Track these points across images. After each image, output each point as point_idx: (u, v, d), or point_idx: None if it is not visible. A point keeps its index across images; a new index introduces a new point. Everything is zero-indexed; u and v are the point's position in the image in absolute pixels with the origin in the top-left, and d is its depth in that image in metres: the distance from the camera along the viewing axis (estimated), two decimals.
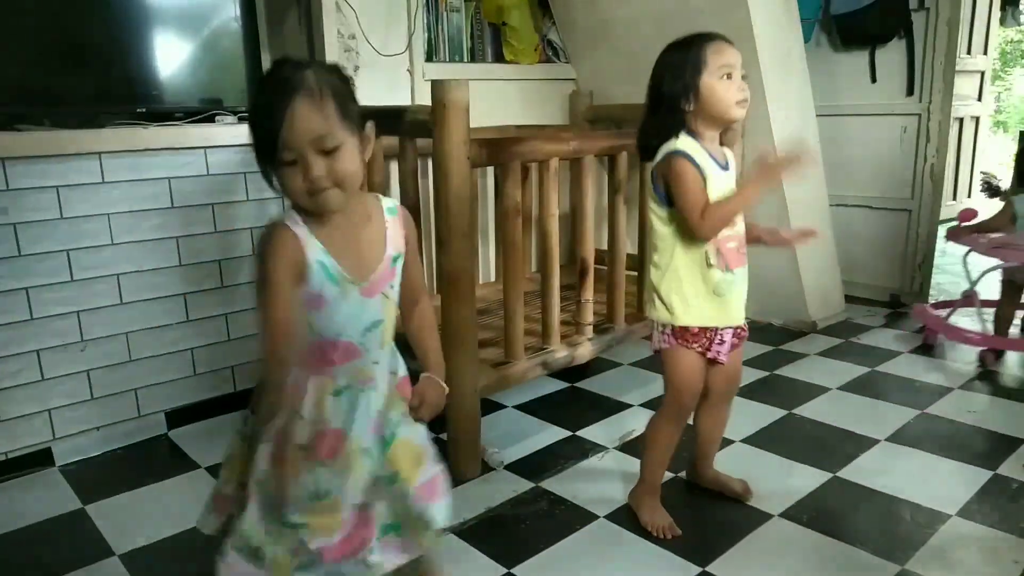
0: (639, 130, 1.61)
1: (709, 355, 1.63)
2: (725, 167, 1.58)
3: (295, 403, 1.16)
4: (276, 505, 1.17)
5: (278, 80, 1.07)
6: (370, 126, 1.17)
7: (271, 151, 1.06)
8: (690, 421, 1.80)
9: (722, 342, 1.63)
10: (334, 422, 1.17)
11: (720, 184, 1.55)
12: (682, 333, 1.61)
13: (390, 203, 1.24)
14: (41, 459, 2.06)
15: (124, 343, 2.15)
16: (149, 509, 1.85)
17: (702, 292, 1.58)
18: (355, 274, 1.15)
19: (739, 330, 1.67)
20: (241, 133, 2.28)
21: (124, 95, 2.18)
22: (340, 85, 1.12)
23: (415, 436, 1.27)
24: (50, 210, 1.99)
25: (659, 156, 1.56)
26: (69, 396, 2.08)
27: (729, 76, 1.51)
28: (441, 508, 1.25)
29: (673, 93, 1.52)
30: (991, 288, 2.87)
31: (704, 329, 1.61)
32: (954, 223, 2.95)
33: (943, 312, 2.98)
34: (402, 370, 1.28)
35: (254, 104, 1.10)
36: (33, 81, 2.04)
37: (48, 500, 1.90)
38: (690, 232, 1.54)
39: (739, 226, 1.60)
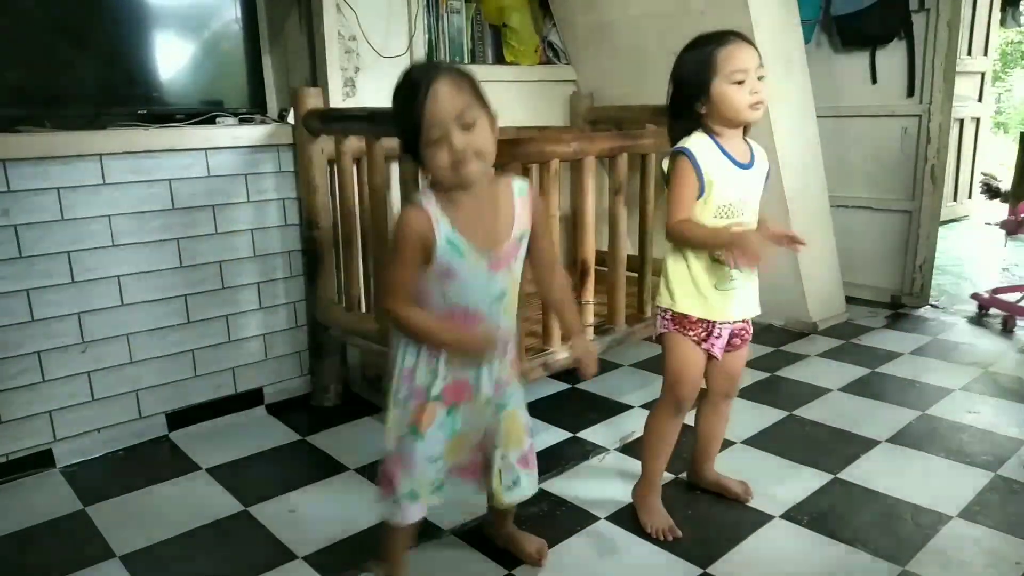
0: (667, 128, 1.62)
1: (704, 346, 1.63)
2: (747, 165, 1.58)
3: (433, 366, 1.34)
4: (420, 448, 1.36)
5: (419, 71, 1.23)
6: (495, 110, 1.29)
7: (417, 133, 1.20)
8: (691, 423, 1.80)
9: (719, 336, 1.63)
10: (467, 375, 1.35)
11: (735, 183, 1.55)
12: (680, 320, 1.61)
13: (521, 184, 1.36)
14: (42, 460, 2.06)
15: (125, 344, 2.16)
16: (150, 511, 1.85)
17: (706, 283, 1.58)
18: (482, 248, 1.30)
19: (742, 331, 1.67)
20: (242, 135, 2.28)
21: (125, 97, 2.18)
22: (469, 75, 1.27)
23: (521, 410, 1.47)
24: (51, 211, 1.99)
25: (670, 154, 1.58)
26: (70, 397, 2.09)
27: (741, 81, 1.50)
28: (531, 477, 1.49)
29: (688, 95, 1.54)
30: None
31: (702, 319, 1.61)
32: (991, 222, 3.10)
33: (1012, 296, 3.14)
34: (514, 350, 1.44)
35: (399, 96, 1.23)
36: (34, 83, 2.04)
37: (49, 502, 1.90)
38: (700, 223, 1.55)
39: (750, 223, 1.59)
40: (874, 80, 3.40)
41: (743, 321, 1.67)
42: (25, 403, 2.03)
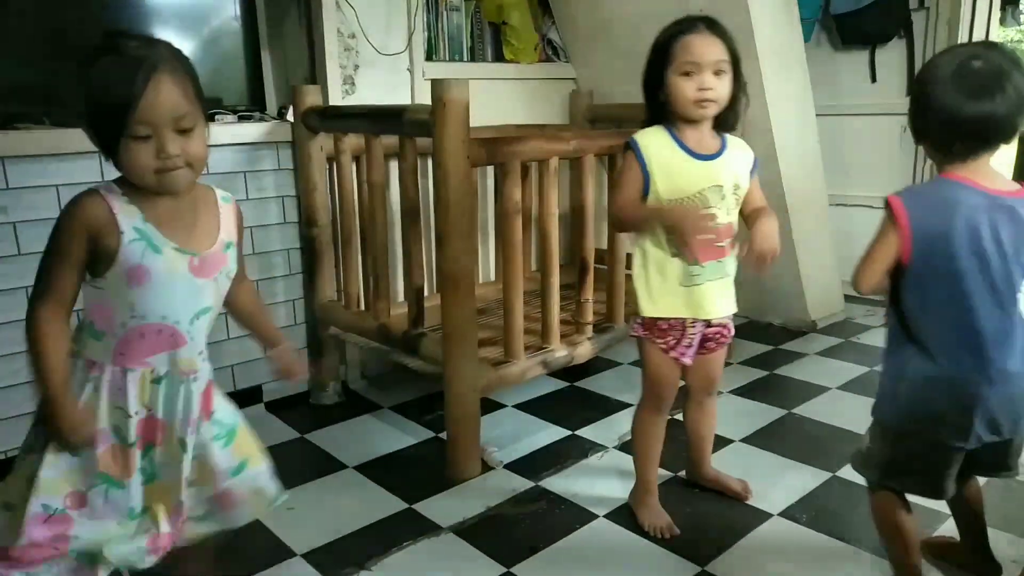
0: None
1: (672, 354, 1.61)
2: (709, 156, 1.53)
3: (121, 403, 1.13)
4: (121, 500, 1.15)
5: (135, 52, 1.04)
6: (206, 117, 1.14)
7: (120, 125, 1.03)
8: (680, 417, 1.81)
9: (689, 344, 1.60)
10: (155, 409, 1.15)
11: (689, 174, 1.51)
12: (650, 326, 1.60)
13: (223, 193, 1.23)
14: None
15: None
16: None
17: (667, 282, 1.56)
18: (185, 247, 1.12)
19: (717, 334, 1.64)
20: (241, 132, 2.28)
21: None
22: (192, 68, 1.10)
23: (243, 424, 1.31)
24: (50, 209, 1.98)
25: None
26: None
27: (688, 73, 1.46)
28: (272, 480, 1.33)
29: (649, 83, 1.53)
30: None
31: (671, 326, 1.59)
32: None
33: None
34: (209, 374, 1.26)
35: (103, 73, 1.05)
36: (33, 80, 2.04)
37: None
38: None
39: (723, 220, 1.53)
40: (873, 79, 3.40)
41: (719, 325, 1.63)
42: (23, 401, 2.02)
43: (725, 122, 1.56)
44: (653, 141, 1.53)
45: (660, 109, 1.53)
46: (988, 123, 1.21)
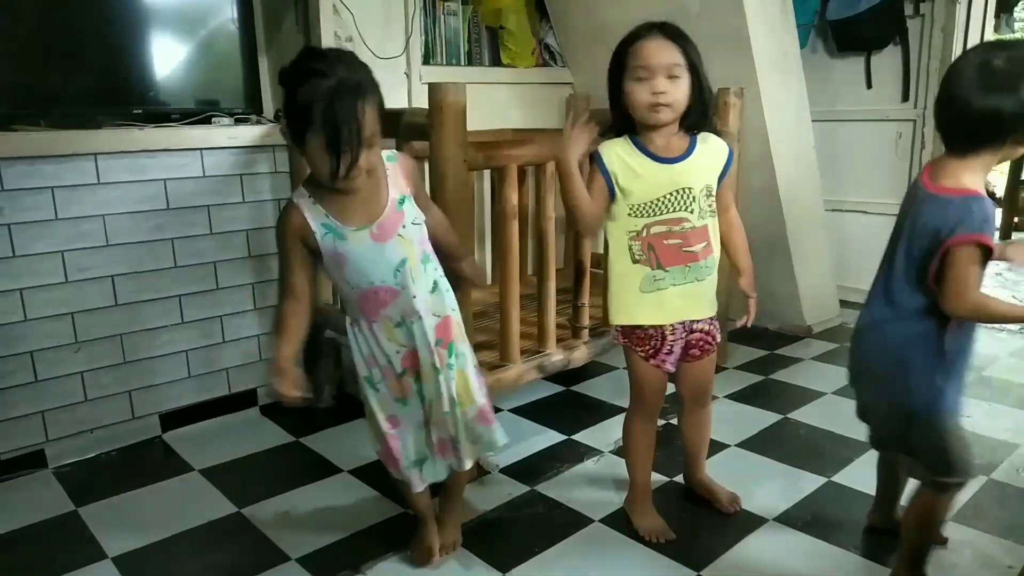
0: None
1: (653, 362, 1.60)
2: (674, 159, 1.50)
3: (382, 345, 1.44)
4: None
5: (342, 79, 1.24)
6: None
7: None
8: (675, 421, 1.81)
9: (669, 351, 1.60)
10: (408, 345, 1.43)
11: (650, 175, 1.50)
12: (628, 334, 1.61)
13: (388, 153, 1.40)
14: (34, 461, 2.05)
15: (119, 345, 2.15)
16: (143, 511, 1.85)
17: (629, 289, 1.56)
18: (361, 225, 1.36)
19: (700, 340, 1.63)
20: (237, 135, 2.27)
21: (121, 96, 2.18)
22: (376, 85, 1.31)
23: (471, 371, 1.51)
24: (45, 211, 1.98)
25: None
26: (63, 398, 2.07)
27: (641, 79, 1.45)
28: (497, 430, 1.53)
29: (610, 91, 1.53)
30: None
31: (648, 334, 1.58)
32: None
33: None
34: (448, 310, 1.47)
35: (308, 94, 1.23)
36: (29, 81, 2.03)
37: (41, 502, 1.89)
38: (615, 224, 1.55)
39: (695, 223, 1.52)
40: (869, 85, 3.41)
41: (701, 332, 1.62)
42: (17, 403, 2.02)
43: (694, 124, 1.53)
44: (615, 149, 1.52)
45: (627, 118, 1.53)
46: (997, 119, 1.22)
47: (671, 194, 1.51)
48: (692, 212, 1.52)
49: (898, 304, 1.34)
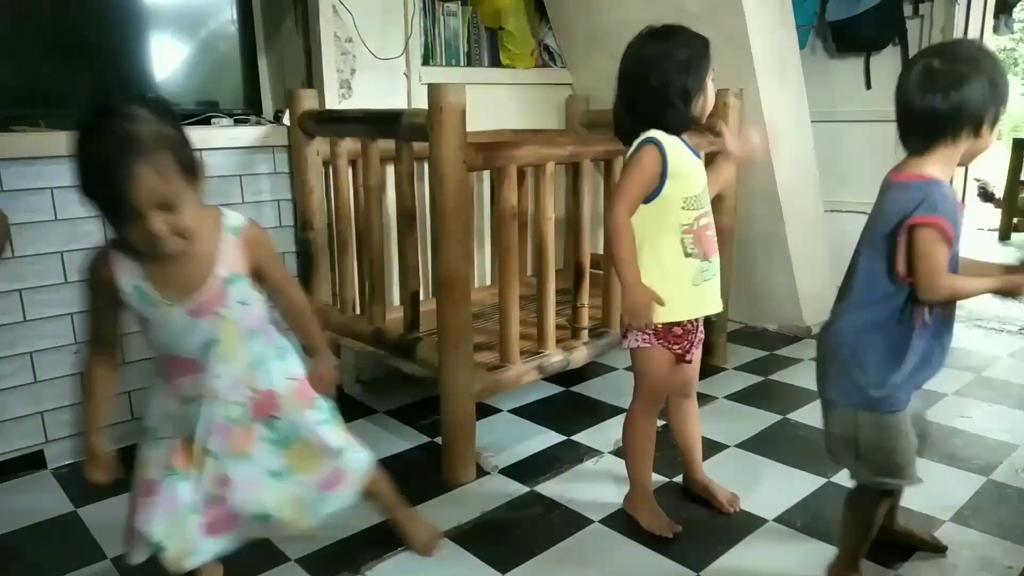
0: (625, 121, 1.60)
1: (688, 357, 1.65)
2: (698, 155, 1.61)
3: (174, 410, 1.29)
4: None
5: (113, 134, 1.08)
6: (201, 164, 1.19)
7: (108, 208, 1.12)
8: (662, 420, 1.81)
9: (697, 343, 1.66)
10: (183, 430, 1.29)
11: (695, 173, 1.57)
12: (665, 334, 1.61)
13: (236, 221, 1.26)
14: (33, 462, 2.05)
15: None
16: None
17: (682, 284, 1.56)
18: (174, 298, 1.22)
19: (698, 330, 1.68)
20: (237, 136, 2.28)
21: (120, 96, 2.18)
22: (174, 133, 1.13)
23: (313, 438, 1.37)
24: (44, 211, 1.98)
25: (636, 143, 1.55)
26: (62, 398, 2.07)
27: (713, 79, 1.55)
28: (334, 498, 1.40)
29: (684, 90, 1.51)
30: None
31: (685, 329, 1.62)
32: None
33: None
34: (280, 381, 1.34)
35: (87, 157, 1.11)
36: (29, 82, 2.04)
37: (40, 503, 1.89)
38: (664, 221, 1.53)
39: (709, 209, 1.60)
40: (868, 85, 3.41)
41: (696, 324, 1.67)
42: (16, 404, 2.02)
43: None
44: (668, 141, 1.53)
45: (681, 117, 1.53)
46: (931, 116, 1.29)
47: (703, 190, 1.59)
48: (707, 204, 1.60)
49: (855, 296, 1.35)
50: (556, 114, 3.22)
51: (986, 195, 5.88)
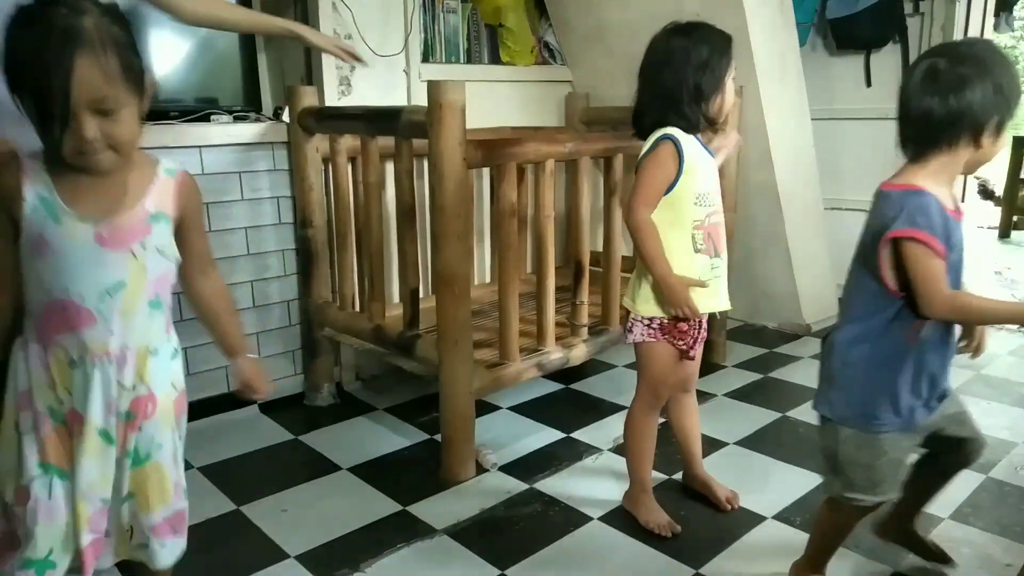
0: (650, 110, 1.56)
1: (692, 353, 1.65)
2: (712, 154, 1.61)
3: (48, 383, 1.07)
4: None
5: (54, 24, 0.94)
6: (151, 79, 1.05)
7: (35, 104, 0.96)
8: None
9: (701, 339, 1.66)
10: (71, 402, 1.08)
11: (708, 170, 1.57)
12: (670, 329, 1.61)
13: (170, 165, 1.14)
14: None
15: None
16: None
17: (690, 281, 1.57)
18: (88, 214, 1.04)
19: (703, 329, 1.68)
20: (236, 133, 2.27)
21: None
22: (123, 36, 1.00)
23: (170, 466, 1.17)
24: None
25: (650, 142, 1.54)
26: None
27: (733, 78, 1.55)
28: (172, 547, 1.18)
29: (699, 90, 1.51)
30: None
31: (691, 324, 1.62)
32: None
33: None
34: (166, 385, 1.15)
35: (22, 46, 0.95)
36: None
37: None
38: (676, 216, 1.53)
39: (720, 207, 1.61)
40: (868, 83, 3.41)
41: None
42: None
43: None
44: (684, 137, 1.53)
45: (696, 115, 1.52)
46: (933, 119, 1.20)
47: (716, 186, 1.60)
48: (718, 200, 1.61)
49: (848, 309, 1.33)
50: (556, 111, 3.22)
51: (986, 193, 5.89)
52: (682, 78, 1.50)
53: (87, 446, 1.08)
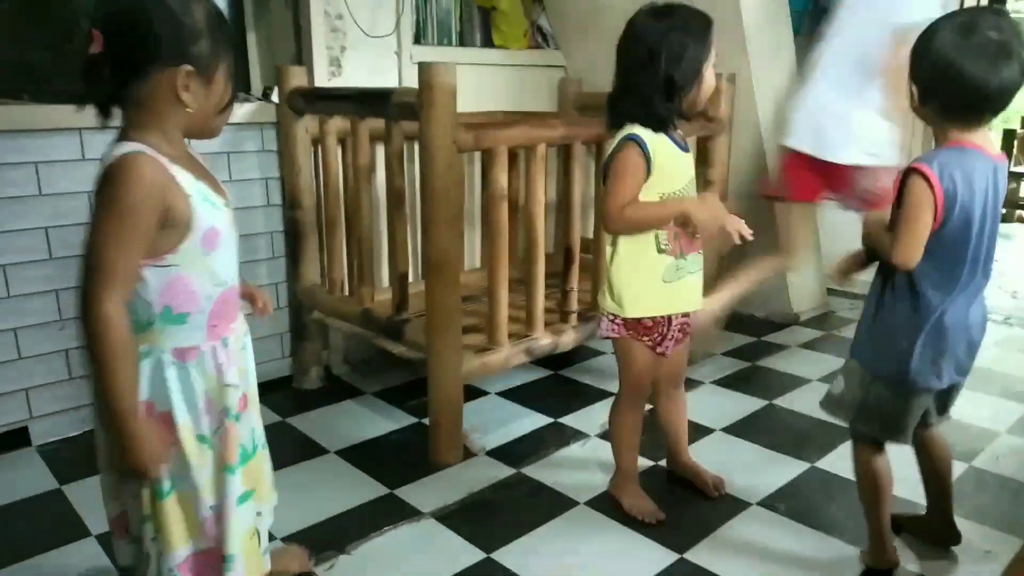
0: (621, 104, 1.52)
1: (659, 350, 1.63)
2: (686, 148, 1.55)
3: (226, 379, 1.05)
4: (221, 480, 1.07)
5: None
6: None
7: (195, 54, 0.96)
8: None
9: (672, 338, 1.62)
10: (251, 379, 1.14)
11: (680, 165, 1.53)
12: (633, 325, 1.59)
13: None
14: (17, 438, 2.04)
15: None
16: None
17: (652, 280, 1.55)
18: (222, 196, 1.06)
19: (684, 324, 1.65)
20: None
21: None
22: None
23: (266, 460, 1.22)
24: (28, 186, 1.95)
25: (617, 137, 1.51)
26: (47, 375, 2.06)
27: (712, 65, 1.50)
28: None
29: (672, 84, 1.44)
30: None
31: (656, 323, 1.59)
32: None
33: None
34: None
35: (214, 14, 1.00)
36: (13, 55, 2.00)
37: (24, 480, 1.88)
38: (605, 217, 1.51)
39: None
40: None
41: (685, 316, 1.65)
42: (0, 380, 2.00)
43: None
44: (649, 135, 1.48)
45: (672, 105, 1.47)
46: (1010, 92, 1.25)
47: (688, 183, 1.55)
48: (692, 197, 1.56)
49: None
50: (548, 96, 3.20)
51: None
52: (654, 72, 1.43)
53: (253, 414, 1.14)
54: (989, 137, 1.33)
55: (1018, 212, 5.15)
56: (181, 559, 1.05)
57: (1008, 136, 5.02)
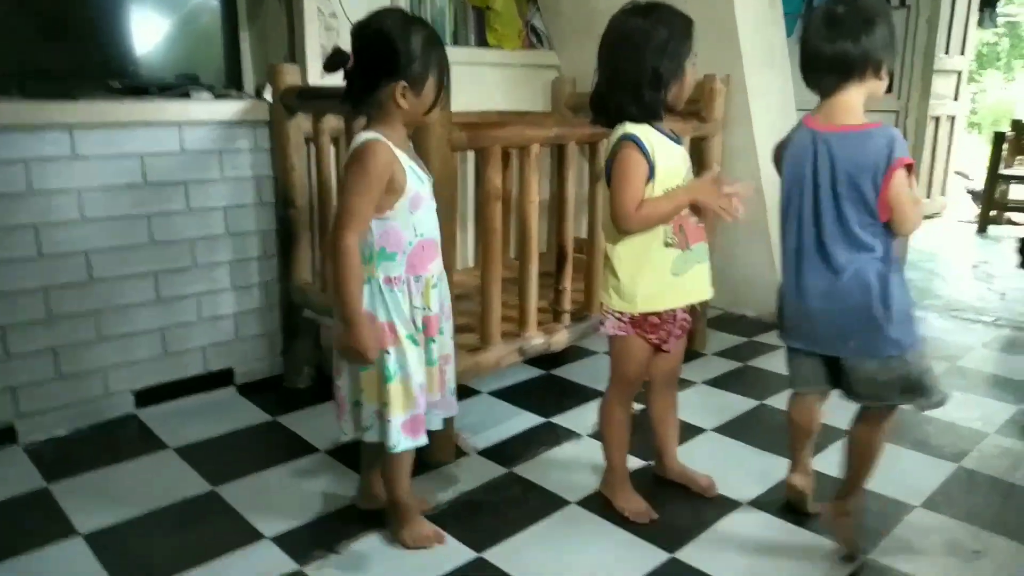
0: (609, 98, 1.52)
1: (665, 347, 1.63)
2: (678, 141, 1.57)
3: (416, 302, 1.48)
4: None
5: (435, 32, 1.44)
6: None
7: (426, 74, 1.40)
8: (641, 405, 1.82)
9: (676, 334, 1.64)
10: (435, 309, 1.51)
11: (674, 158, 1.54)
12: (641, 323, 1.59)
13: None
14: (4, 437, 2.02)
15: (92, 321, 2.11)
16: (115, 489, 1.83)
17: (660, 274, 1.55)
18: (424, 172, 1.48)
19: (684, 319, 1.67)
20: (217, 110, 2.23)
21: (98, 68, 2.13)
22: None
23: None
24: (17, 183, 1.94)
25: (613, 139, 1.52)
26: (35, 373, 2.04)
27: (693, 62, 1.52)
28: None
29: (657, 77, 1.46)
30: None
31: (663, 319, 1.60)
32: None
33: None
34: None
35: (428, 41, 1.40)
36: (4, 51, 1.99)
37: (10, 478, 1.86)
38: (618, 219, 1.51)
39: None
40: None
41: (684, 313, 1.66)
42: None
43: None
44: (644, 132, 1.49)
45: (657, 101, 1.48)
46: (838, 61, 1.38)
47: (687, 172, 1.57)
48: None
49: (861, 245, 1.41)
50: (542, 96, 3.20)
51: (976, 195, 5.94)
52: (640, 63, 1.45)
53: (439, 339, 1.55)
54: (832, 111, 1.42)
55: (1006, 214, 5.17)
56: (401, 422, 1.48)
57: (998, 139, 5.05)
